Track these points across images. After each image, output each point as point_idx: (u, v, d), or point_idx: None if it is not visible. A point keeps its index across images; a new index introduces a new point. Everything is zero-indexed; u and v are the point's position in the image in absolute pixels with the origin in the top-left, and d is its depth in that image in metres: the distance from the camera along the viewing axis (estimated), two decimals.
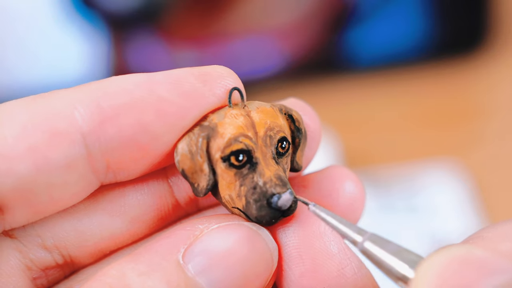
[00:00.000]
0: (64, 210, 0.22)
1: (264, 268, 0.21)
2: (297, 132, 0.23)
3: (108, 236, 0.22)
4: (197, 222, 0.21)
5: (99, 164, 0.21)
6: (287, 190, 0.21)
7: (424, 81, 0.66)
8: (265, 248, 0.21)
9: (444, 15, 0.65)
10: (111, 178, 0.21)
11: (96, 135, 0.20)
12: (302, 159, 0.23)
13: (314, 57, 0.65)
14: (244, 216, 0.21)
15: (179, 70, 0.21)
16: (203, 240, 0.20)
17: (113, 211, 0.22)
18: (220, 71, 0.22)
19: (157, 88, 0.21)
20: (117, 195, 0.22)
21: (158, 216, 0.23)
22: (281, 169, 0.21)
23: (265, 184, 0.21)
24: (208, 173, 0.21)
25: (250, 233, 0.21)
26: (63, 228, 0.22)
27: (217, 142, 0.21)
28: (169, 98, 0.21)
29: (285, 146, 0.22)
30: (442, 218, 0.53)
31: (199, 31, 0.63)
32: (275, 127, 0.22)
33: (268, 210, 0.21)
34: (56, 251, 0.22)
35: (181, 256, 0.20)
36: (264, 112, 0.22)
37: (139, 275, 0.19)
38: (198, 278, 0.20)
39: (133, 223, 0.23)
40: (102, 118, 0.20)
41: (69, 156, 0.20)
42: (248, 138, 0.21)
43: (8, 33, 0.61)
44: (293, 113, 0.23)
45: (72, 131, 0.20)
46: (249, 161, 0.21)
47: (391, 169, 0.57)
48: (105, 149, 0.20)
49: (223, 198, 0.22)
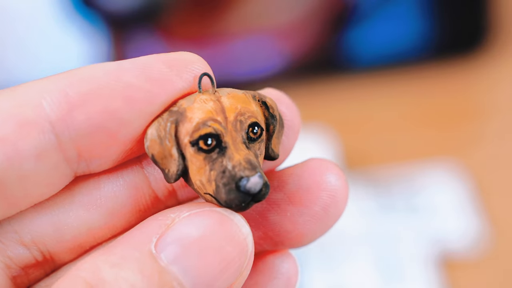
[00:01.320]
0: (41, 204, 0.22)
1: (238, 253, 0.20)
2: (271, 119, 0.22)
3: (86, 230, 0.22)
4: (168, 212, 0.21)
5: (70, 153, 0.21)
6: (256, 173, 0.20)
7: (424, 81, 0.66)
8: (238, 233, 0.20)
9: (444, 15, 0.65)
10: (85, 168, 0.21)
11: (65, 123, 0.20)
12: (278, 146, 0.23)
13: (314, 57, 0.65)
14: (216, 201, 0.21)
15: (147, 57, 0.21)
16: (175, 228, 0.20)
17: (89, 204, 0.22)
18: (188, 57, 0.22)
19: (124, 74, 0.21)
20: (92, 187, 0.22)
21: (136, 209, 0.23)
22: (252, 154, 0.21)
23: (234, 167, 0.20)
24: (178, 158, 0.21)
25: (221, 218, 0.20)
26: (40, 223, 0.22)
27: (186, 127, 0.21)
28: (136, 84, 0.21)
29: (256, 131, 0.21)
30: (442, 218, 0.53)
31: (199, 31, 0.63)
32: (246, 112, 0.21)
33: (237, 193, 0.20)
34: (34, 247, 0.22)
35: (153, 245, 0.20)
36: (235, 98, 0.22)
37: (112, 266, 0.19)
38: (172, 267, 0.20)
39: (111, 216, 0.23)
40: (70, 106, 0.20)
41: (39, 146, 0.20)
42: (217, 123, 0.21)
43: (8, 33, 0.61)
44: (267, 100, 0.23)
45: (41, 120, 0.20)
46: (218, 146, 0.21)
47: (391, 169, 0.57)
48: (75, 136, 0.20)
49: (195, 184, 0.21)
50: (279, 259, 0.24)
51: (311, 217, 0.23)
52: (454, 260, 0.52)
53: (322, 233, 0.24)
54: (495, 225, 0.53)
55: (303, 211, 0.23)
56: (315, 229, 0.23)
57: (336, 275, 0.50)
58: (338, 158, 0.58)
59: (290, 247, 0.24)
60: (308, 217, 0.23)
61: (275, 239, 0.24)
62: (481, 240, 0.52)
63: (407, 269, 0.50)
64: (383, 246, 0.51)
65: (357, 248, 0.51)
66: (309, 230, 0.23)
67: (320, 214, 0.23)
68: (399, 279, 0.49)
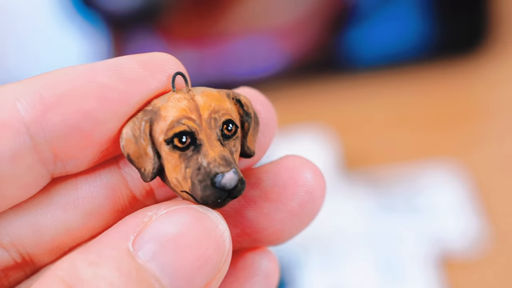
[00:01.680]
0: (18, 206, 0.22)
1: (215, 249, 0.20)
2: (246, 117, 0.23)
3: (64, 231, 0.22)
4: (146, 210, 0.21)
5: (45, 154, 0.21)
6: (231, 169, 0.21)
7: (425, 81, 0.66)
8: (214, 229, 0.21)
9: (444, 15, 0.65)
10: (61, 169, 0.22)
11: (40, 125, 0.20)
12: (254, 144, 0.23)
13: (314, 57, 0.65)
14: (192, 199, 0.21)
15: (120, 58, 0.22)
16: (152, 226, 0.20)
17: (67, 205, 0.22)
18: (161, 57, 0.22)
19: (98, 75, 0.21)
20: (70, 189, 0.22)
21: (114, 209, 0.23)
22: (227, 151, 0.21)
23: (209, 164, 0.21)
24: (153, 156, 0.21)
25: (198, 215, 0.20)
26: (19, 225, 0.22)
27: (160, 125, 0.21)
28: (110, 84, 0.21)
29: (231, 128, 0.22)
30: (442, 219, 0.53)
31: (199, 31, 0.63)
32: (220, 110, 0.22)
33: (213, 190, 0.20)
34: (13, 249, 0.22)
35: (131, 243, 0.20)
36: (209, 96, 0.22)
37: (90, 265, 0.19)
38: (149, 264, 0.20)
39: (88, 217, 0.23)
40: (44, 108, 0.20)
41: (14, 147, 0.20)
42: (191, 120, 0.21)
43: (8, 33, 0.61)
44: (241, 98, 0.23)
45: (15, 122, 0.20)
46: (193, 143, 0.21)
47: (391, 170, 0.57)
48: (50, 138, 0.21)
49: (171, 183, 0.21)
50: (258, 257, 0.24)
51: (287, 214, 0.23)
52: (454, 260, 0.52)
53: (300, 230, 0.24)
54: (495, 225, 0.53)
55: (279, 207, 0.23)
56: (292, 225, 0.23)
57: (336, 275, 0.50)
58: (338, 158, 0.58)
59: (268, 244, 0.24)
60: (285, 213, 0.23)
61: (253, 236, 0.24)
62: (481, 240, 0.52)
63: (407, 269, 0.50)
64: (383, 246, 0.51)
65: (357, 248, 0.51)
66: (286, 226, 0.23)
67: (297, 210, 0.23)
68: (399, 279, 0.49)
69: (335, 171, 0.56)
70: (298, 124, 0.60)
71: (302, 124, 0.60)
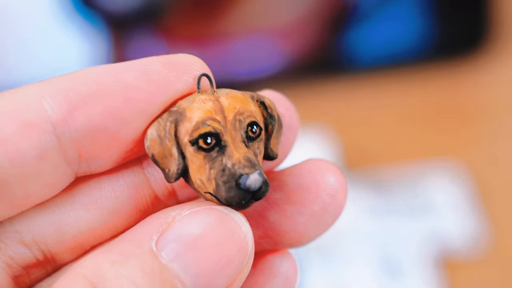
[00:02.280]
0: (41, 204, 0.22)
1: (238, 250, 0.21)
2: (269, 119, 0.23)
3: (86, 230, 0.23)
4: (169, 210, 0.21)
5: (71, 154, 0.21)
6: (256, 171, 0.21)
7: (425, 81, 0.66)
8: (238, 231, 0.21)
9: (444, 15, 0.65)
10: (85, 168, 0.22)
11: (66, 124, 0.20)
12: (277, 147, 0.23)
13: (314, 57, 0.65)
14: (216, 200, 0.21)
15: (146, 59, 0.22)
16: (176, 226, 0.20)
17: (90, 204, 0.22)
18: (187, 58, 0.22)
19: (124, 76, 0.21)
20: (93, 188, 0.23)
21: (137, 208, 0.23)
22: (251, 152, 0.21)
23: (233, 165, 0.21)
24: (178, 157, 0.21)
25: (221, 216, 0.21)
26: (41, 223, 0.22)
27: (185, 126, 0.21)
28: (136, 85, 0.21)
29: (255, 130, 0.22)
30: (442, 218, 0.53)
31: (199, 31, 0.63)
32: (245, 112, 0.22)
33: (237, 191, 0.21)
34: (35, 246, 0.22)
35: (154, 243, 0.20)
36: (233, 98, 0.22)
37: (113, 264, 0.19)
38: (172, 264, 0.20)
39: (111, 216, 0.23)
40: (71, 107, 0.20)
41: (40, 147, 0.20)
42: (216, 122, 0.21)
43: (8, 33, 0.61)
44: (265, 100, 0.23)
45: (42, 122, 0.20)
46: (217, 144, 0.21)
47: (392, 170, 0.57)
48: (76, 137, 0.21)
49: (195, 184, 0.22)
50: (279, 259, 0.24)
51: (310, 217, 0.23)
52: (454, 260, 0.52)
53: (321, 232, 0.24)
54: (495, 225, 0.53)
55: (302, 210, 0.23)
56: (314, 228, 0.24)
57: (336, 275, 0.50)
58: (338, 158, 0.58)
59: (289, 246, 0.24)
60: (307, 216, 0.23)
61: (274, 238, 0.24)
62: (481, 240, 0.52)
63: (407, 269, 0.50)
64: (383, 246, 0.51)
65: (357, 248, 0.51)
66: (308, 229, 0.23)
67: (319, 213, 0.23)
68: (399, 279, 0.49)
69: None
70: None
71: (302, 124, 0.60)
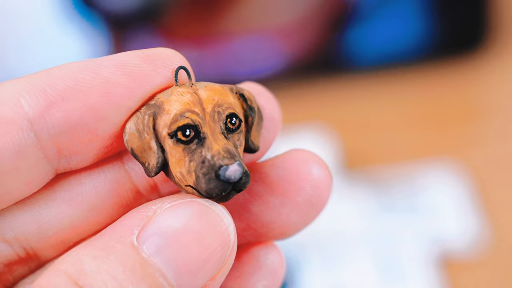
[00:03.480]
0: (22, 201, 0.22)
1: (220, 243, 0.20)
2: (249, 111, 0.23)
3: (68, 226, 0.22)
4: (150, 204, 0.21)
5: (49, 150, 0.21)
6: (235, 162, 0.21)
7: (424, 81, 0.66)
8: (219, 223, 0.21)
9: (444, 15, 0.65)
10: (65, 165, 0.21)
11: (44, 120, 0.20)
12: (258, 139, 0.23)
13: (314, 57, 0.65)
14: (197, 193, 0.21)
15: (124, 53, 0.22)
16: (156, 220, 0.20)
17: (71, 199, 0.22)
18: (165, 51, 0.22)
19: (101, 70, 0.21)
20: (74, 184, 0.22)
21: (118, 204, 0.23)
22: (231, 144, 0.21)
23: (213, 157, 0.21)
24: (157, 150, 0.21)
25: (202, 209, 0.21)
26: (22, 220, 0.22)
27: (164, 119, 0.21)
28: (113, 80, 0.21)
29: (235, 122, 0.22)
30: (442, 218, 0.53)
31: (199, 31, 0.63)
32: (224, 104, 0.22)
33: (217, 182, 0.21)
34: (17, 244, 0.22)
35: (135, 237, 0.20)
36: (212, 90, 0.22)
37: (94, 259, 0.19)
38: (153, 258, 0.20)
39: (92, 212, 0.23)
40: (48, 103, 0.20)
41: (18, 143, 0.20)
42: (194, 114, 0.21)
43: (8, 33, 0.61)
44: (244, 92, 0.23)
45: (19, 118, 0.20)
46: (196, 136, 0.21)
47: (391, 169, 0.57)
48: (54, 133, 0.21)
49: (176, 177, 0.21)
50: (264, 251, 0.24)
51: (293, 208, 0.23)
52: (454, 260, 0.51)
53: (306, 224, 0.24)
54: (495, 225, 0.53)
55: (285, 202, 0.23)
56: (298, 220, 0.23)
57: (336, 275, 0.50)
58: (338, 158, 0.58)
59: (274, 238, 0.24)
60: (291, 208, 0.23)
61: (258, 230, 0.24)
62: (481, 240, 0.52)
63: (407, 269, 0.50)
64: (383, 246, 0.51)
65: (357, 248, 0.51)
66: (292, 221, 0.23)
67: (303, 205, 0.23)
68: (399, 279, 0.49)
69: (335, 171, 0.56)
70: (298, 124, 0.60)
71: (302, 124, 0.60)
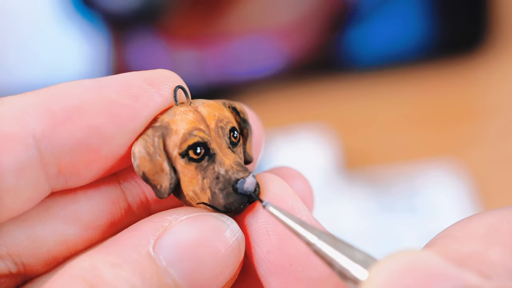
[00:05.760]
0: (17, 217, 0.22)
1: (233, 258, 0.21)
2: (243, 123, 0.23)
3: (61, 242, 0.22)
4: (165, 214, 0.21)
5: (51, 168, 0.21)
6: (250, 174, 0.21)
7: (424, 81, 0.66)
8: (232, 238, 0.21)
9: (444, 15, 0.65)
10: (62, 183, 0.21)
11: (49, 139, 0.20)
12: (251, 151, 0.24)
13: (314, 57, 0.65)
14: (211, 209, 0.21)
15: (127, 74, 0.22)
16: (172, 231, 0.20)
17: (66, 217, 0.22)
18: (165, 73, 0.22)
19: (107, 91, 0.21)
20: (70, 202, 0.22)
21: (111, 221, 0.23)
22: (238, 157, 0.22)
23: (227, 172, 0.21)
24: (170, 171, 0.21)
25: (218, 224, 0.21)
26: (17, 236, 0.22)
27: (173, 139, 0.21)
28: (119, 101, 0.21)
29: (236, 135, 0.22)
30: (442, 218, 0.53)
31: (199, 31, 0.63)
32: (224, 119, 0.22)
33: (236, 196, 0.21)
34: (9, 259, 0.22)
35: (151, 247, 0.20)
36: (210, 106, 0.22)
37: (112, 266, 0.19)
38: (169, 269, 0.20)
39: (86, 229, 0.22)
40: (54, 122, 0.20)
41: (21, 161, 0.20)
42: (201, 131, 0.21)
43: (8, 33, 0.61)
44: (236, 105, 0.23)
45: (24, 135, 0.20)
46: (207, 153, 0.21)
47: (391, 169, 0.57)
48: (58, 152, 0.20)
49: (187, 196, 0.22)
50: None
51: None
52: None
53: None
54: None
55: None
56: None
57: None
58: (338, 158, 0.58)
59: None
60: None
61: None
62: None
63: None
64: (383, 245, 0.51)
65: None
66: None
67: None
68: None
69: (335, 171, 0.56)
70: (298, 124, 0.60)
71: (302, 124, 0.60)
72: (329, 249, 0.19)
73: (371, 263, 0.19)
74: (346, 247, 0.19)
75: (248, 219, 0.22)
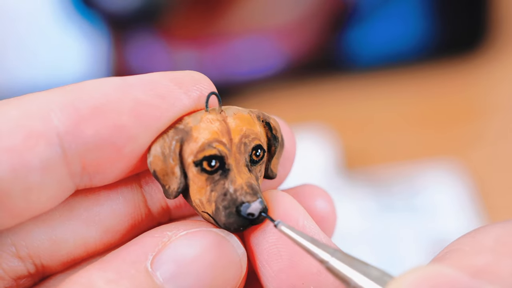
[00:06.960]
0: (39, 218, 0.22)
1: (233, 274, 0.21)
2: (273, 140, 0.23)
3: (81, 245, 0.22)
4: (165, 229, 0.21)
5: (75, 166, 0.20)
6: (257, 199, 0.21)
7: (424, 81, 0.66)
8: (233, 254, 0.21)
9: (444, 15, 0.65)
10: (87, 181, 0.21)
11: (73, 136, 0.20)
12: (277, 167, 0.23)
13: (314, 57, 0.65)
14: (213, 221, 0.21)
15: (154, 74, 0.22)
16: (171, 247, 0.20)
17: (88, 220, 0.22)
18: (194, 75, 0.22)
19: (132, 90, 0.21)
20: (92, 204, 0.22)
21: (132, 225, 0.23)
22: (254, 177, 0.21)
23: (235, 191, 0.21)
24: (180, 176, 0.21)
25: (218, 239, 0.21)
26: (38, 237, 0.22)
27: (191, 146, 0.21)
28: (144, 100, 0.21)
29: (259, 154, 0.22)
30: (442, 218, 0.53)
31: (199, 31, 0.63)
32: (251, 134, 0.22)
33: (237, 217, 0.21)
34: (29, 260, 0.22)
35: (149, 263, 0.20)
36: (240, 119, 0.22)
37: (108, 282, 0.19)
38: (167, 285, 0.20)
39: (107, 233, 0.23)
40: (78, 119, 0.20)
41: (46, 158, 0.20)
42: (222, 144, 0.21)
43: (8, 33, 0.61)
44: (271, 121, 0.23)
45: (49, 132, 0.20)
46: (221, 167, 0.21)
47: (391, 169, 0.57)
48: (82, 150, 0.20)
49: (193, 202, 0.22)
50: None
51: None
52: None
53: None
54: None
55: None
56: None
57: None
58: (338, 158, 0.58)
59: None
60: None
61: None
62: None
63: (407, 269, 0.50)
64: (383, 245, 0.51)
65: (357, 248, 0.51)
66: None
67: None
68: None
69: (335, 170, 0.56)
70: (298, 124, 0.60)
71: (302, 124, 0.60)
72: (343, 266, 0.19)
73: (388, 280, 0.19)
74: (361, 264, 0.19)
75: (257, 237, 0.22)
